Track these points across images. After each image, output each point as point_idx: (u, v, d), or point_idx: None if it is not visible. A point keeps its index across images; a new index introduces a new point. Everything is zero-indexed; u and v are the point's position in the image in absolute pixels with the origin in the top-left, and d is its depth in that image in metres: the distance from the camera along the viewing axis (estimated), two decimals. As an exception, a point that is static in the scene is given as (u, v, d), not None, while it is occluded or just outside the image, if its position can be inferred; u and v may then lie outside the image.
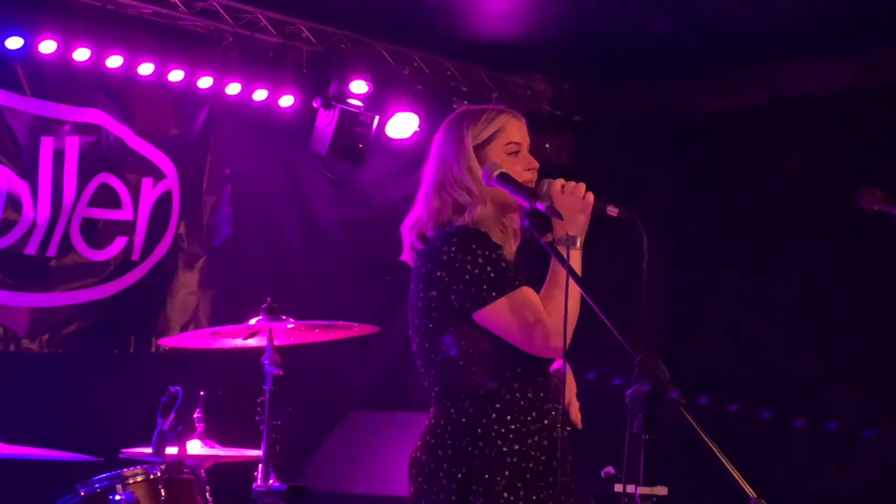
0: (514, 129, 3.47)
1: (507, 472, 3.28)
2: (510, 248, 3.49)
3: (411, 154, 7.24)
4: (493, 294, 3.27)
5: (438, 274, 3.33)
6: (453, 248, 3.31)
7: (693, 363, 7.11)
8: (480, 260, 3.29)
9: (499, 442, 3.29)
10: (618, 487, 2.79)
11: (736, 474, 2.61)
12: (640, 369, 2.77)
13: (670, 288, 7.84)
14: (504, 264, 3.32)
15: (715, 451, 2.64)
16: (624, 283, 3.07)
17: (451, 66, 7.29)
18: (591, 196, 3.27)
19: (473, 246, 3.31)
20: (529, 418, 3.33)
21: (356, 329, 4.72)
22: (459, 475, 3.29)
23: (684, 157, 7.87)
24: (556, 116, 7.82)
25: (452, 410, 3.34)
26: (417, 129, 7.10)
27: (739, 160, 7.60)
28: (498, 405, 3.32)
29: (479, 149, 3.43)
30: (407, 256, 3.53)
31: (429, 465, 3.34)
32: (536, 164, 3.45)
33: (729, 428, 6.19)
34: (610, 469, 4.69)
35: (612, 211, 3.21)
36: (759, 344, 7.38)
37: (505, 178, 3.32)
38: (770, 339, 7.35)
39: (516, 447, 3.30)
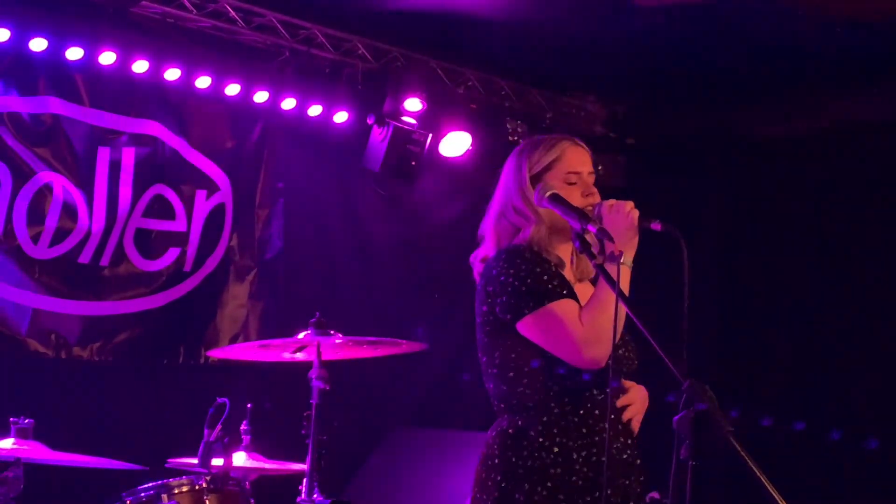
0: (573, 158, 3.51)
1: (549, 484, 3.32)
2: (584, 269, 3.54)
3: (464, 173, 7.25)
4: (531, 305, 3.35)
5: (489, 289, 3.44)
6: (501, 264, 3.42)
7: (739, 390, 7.04)
8: (522, 274, 3.38)
9: (542, 454, 3.34)
10: (663, 512, 2.76)
11: (782, 502, 2.58)
12: (687, 395, 2.75)
13: (718, 313, 7.78)
14: (547, 278, 3.38)
15: (763, 479, 2.62)
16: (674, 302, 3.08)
17: (505, 86, 7.29)
18: (636, 213, 3.32)
19: (518, 261, 3.41)
20: (577, 434, 3.36)
21: (404, 346, 4.72)
22: (504, 484, 3.36)
23: (738, 183, 7.81)
24: (610, 139, 7.79)
25: (504, 422, 3.43)
26: (470, 148, 7.11)
27: (794, 187, 7.53)
28: (545, 418, 3.37)
29: (538, 178, 3.49)
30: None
31: (481, 475, 3.43)
32: (595, 191, 3.49)
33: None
34: (655, 494, 4.65)
35: (656, 226, 3.23)
36: (808, 372, 7.30)
37: (556, 199, 3.37)
38: (820, 369, 7.27)
39: (560, 460, 3.34)
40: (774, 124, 7.63)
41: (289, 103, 6.50)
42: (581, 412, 3.37)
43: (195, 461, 4.38)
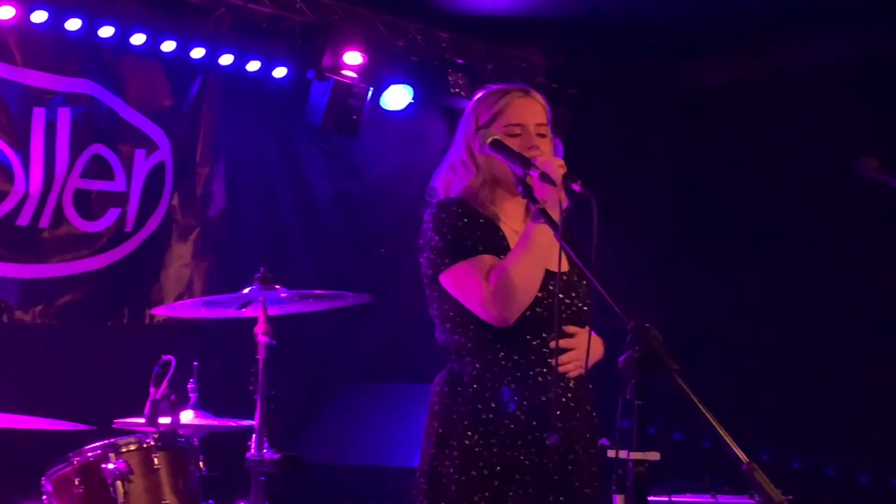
0: (516, 111, 3.47)
1: (481, 429, 3.35)
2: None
3: (405, 126, 7.22)
4: (446, 262, 3.37)
5: (420, 242, 3.47)
6: (429, 218, 3.45)
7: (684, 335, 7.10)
8: (444, 229, 3.39)
9: (475, 399, 3.37)
10: (610, 453, 2.77)
11: (729, 439, 2.59)
12: (633, 335, 2.76)
13: (666, 261, 7.83)
14: (467, 233, 3.38)
15: (708, 417, 2.63)
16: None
17: (445, 38, 7.25)
18: (562, 170, 3.21)
19: (443, 215, 3.41)
20: (511, 378, 3.37)
21: (349, 298, 4.71)
22: (441, 430, 3.41)
23: (683, 132, 7.83)
24: (552, 89, 7.77)
25: (445, 370, 3.47)
26: (412, 101, 7.08)
27: (739, 134, 7.56)
28: (478, 365, 3.39)
29: (484, 129, 3.44)
30: None
31: (426, 424, 3.47)
32: (536, 144, 3.43)
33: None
34: (605, 441, 4.69)
35: (576, 186, 3.16)
36: (758, 319, 7.37)
37: (497, 145, 3.34)
38: (768, 316, 7.34)
39: (492, 405, 3.36)
40: (720, 71, 7.66)
41: (226, 59, 6.42)
42: (515, 357, 3.38)
43: (142, 420, 4.36)
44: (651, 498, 2.69)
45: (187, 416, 4.74)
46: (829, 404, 6.94)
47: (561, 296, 3.41)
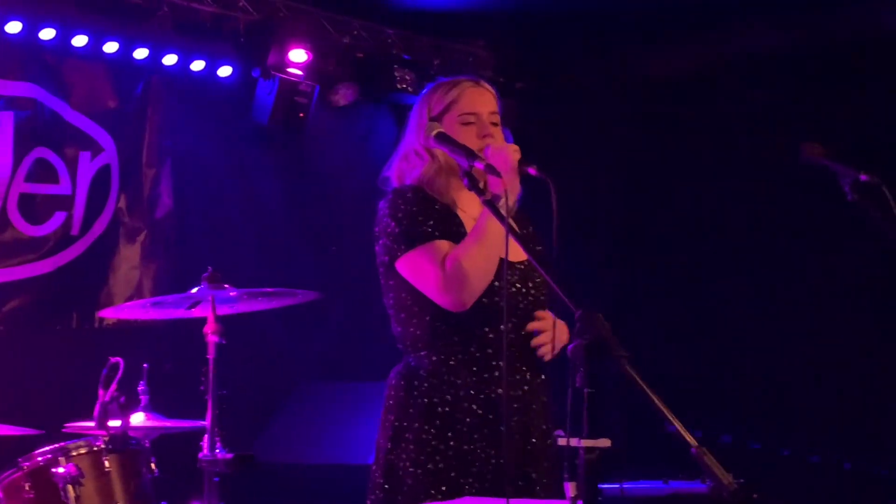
0: (470, 99, 3.50)
1: (437, 422, 3.35)
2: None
3: (353, 123, 7.21)
4: (403, 247, 3.38)
5: (376, 230, 3.47)
6: (385, 206, 3.45)
7: (638, 323, 7.14)
8: (399, 215, 3.40)
9: (431, 392, 3.37)
10: (561, 441, 2.78)
11: (678, 424, 2.61)
12: (581, 324, 2.77)
13: (618, 253, 7.86)
14: (422, 219, 3.38)
15: (657, 402, 2.64)
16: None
17: (391, 34, 7.24)
18: (516, 156, 3.27)
19: (399, 202, 3.42)
20: (466, 372, 3.37)
21: (299, 296, 4.68)
22: (397, 423, 3.40)
23: (631, 123, 7.85)
24: (500, 83, 7.78)
25: (401, 364, 3.47)
26: (359, 98, 7.07)
27: (687, 124, 7.59)
28: (434, 357, 3.39)
29: (437, 120, 3.47)
30: None
31: (381, 417, 3.46)
32: (492, 133, 3.47)
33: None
34: (560, 432, 4.71)
35: (532, 170, 3.22)
36: (711, 304, 7.42)
37: (442, 138, 3.35)
38: (721, 301, 7.39)
39: (448, 398, 3.36)
40: (667, 62, 7.68)
41: (171, 59, 6.39)
42: (471, 349, 3.38)
43: (92, 424, 4.32)
44: (603, 485, 2.70)
45: (138, 419, 4.71)
46: (782, 387, 7.02)
47: (518, 285, 3.44)
